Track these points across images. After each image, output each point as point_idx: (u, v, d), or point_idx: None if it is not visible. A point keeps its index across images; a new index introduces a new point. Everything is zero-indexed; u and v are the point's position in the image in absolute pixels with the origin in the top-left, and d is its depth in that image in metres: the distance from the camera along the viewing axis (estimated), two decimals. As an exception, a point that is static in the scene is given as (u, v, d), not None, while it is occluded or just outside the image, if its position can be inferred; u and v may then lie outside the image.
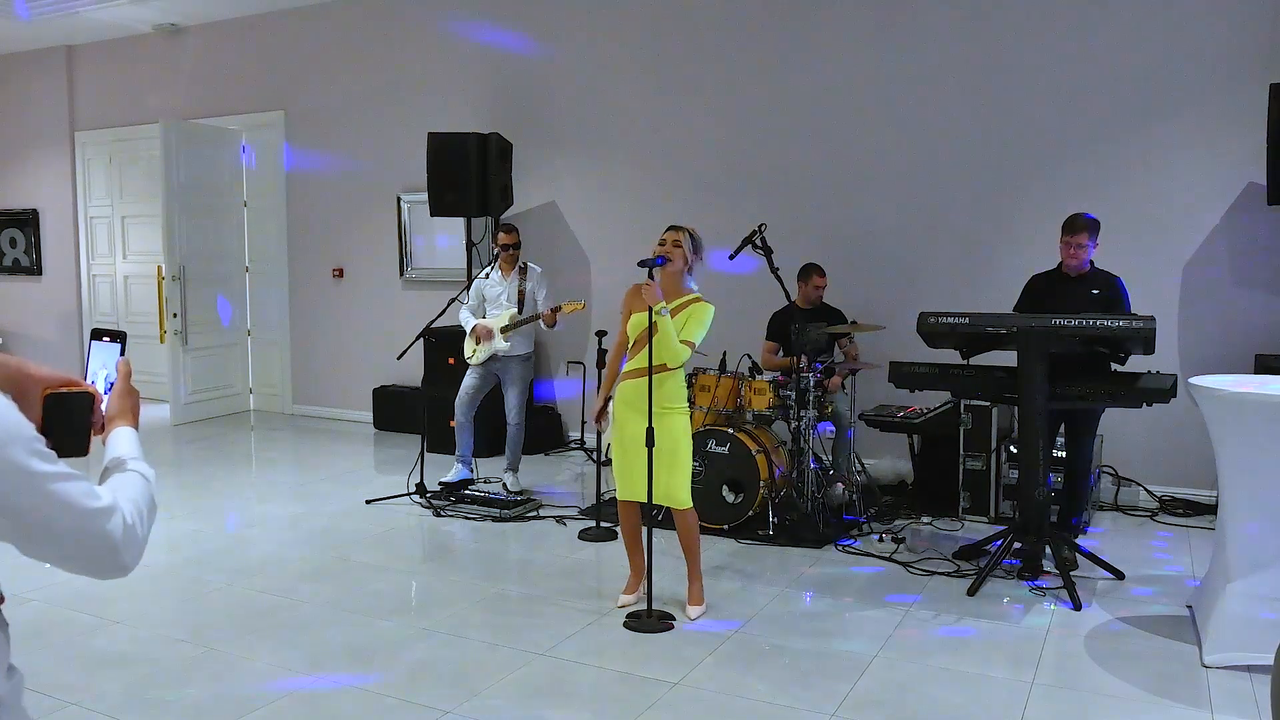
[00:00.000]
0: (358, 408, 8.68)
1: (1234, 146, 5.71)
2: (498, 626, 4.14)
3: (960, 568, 4.79)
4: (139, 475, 1.42)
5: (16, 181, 10.49)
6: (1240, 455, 3.76)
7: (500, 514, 5.70)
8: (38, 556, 1.28)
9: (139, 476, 1.42)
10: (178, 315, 8.61)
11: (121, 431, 1.49)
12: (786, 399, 5.46)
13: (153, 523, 1.41)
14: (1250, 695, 3.42)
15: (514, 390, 6.27)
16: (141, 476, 1.42)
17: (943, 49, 6.39)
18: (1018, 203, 6.24)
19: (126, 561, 1.32)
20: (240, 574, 4.81)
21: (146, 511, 1.38)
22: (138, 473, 1.42)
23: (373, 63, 8.44)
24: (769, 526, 5.31)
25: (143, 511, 1.37)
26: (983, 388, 4.95)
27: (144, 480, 1.42)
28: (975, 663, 3.76)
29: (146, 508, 1.39)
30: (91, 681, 3.57)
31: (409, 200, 8.30)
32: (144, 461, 1.46)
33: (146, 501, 1.39)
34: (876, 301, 6.42)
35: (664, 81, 7.27)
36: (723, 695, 3.49)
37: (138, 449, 1.48)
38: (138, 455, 1.46)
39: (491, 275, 6.33)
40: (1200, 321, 5.88)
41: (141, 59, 9.58)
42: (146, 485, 1.42)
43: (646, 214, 6.92)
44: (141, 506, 1.37)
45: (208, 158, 8.91)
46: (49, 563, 1.30)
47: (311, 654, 3.85)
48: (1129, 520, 5.73)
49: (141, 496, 1.38)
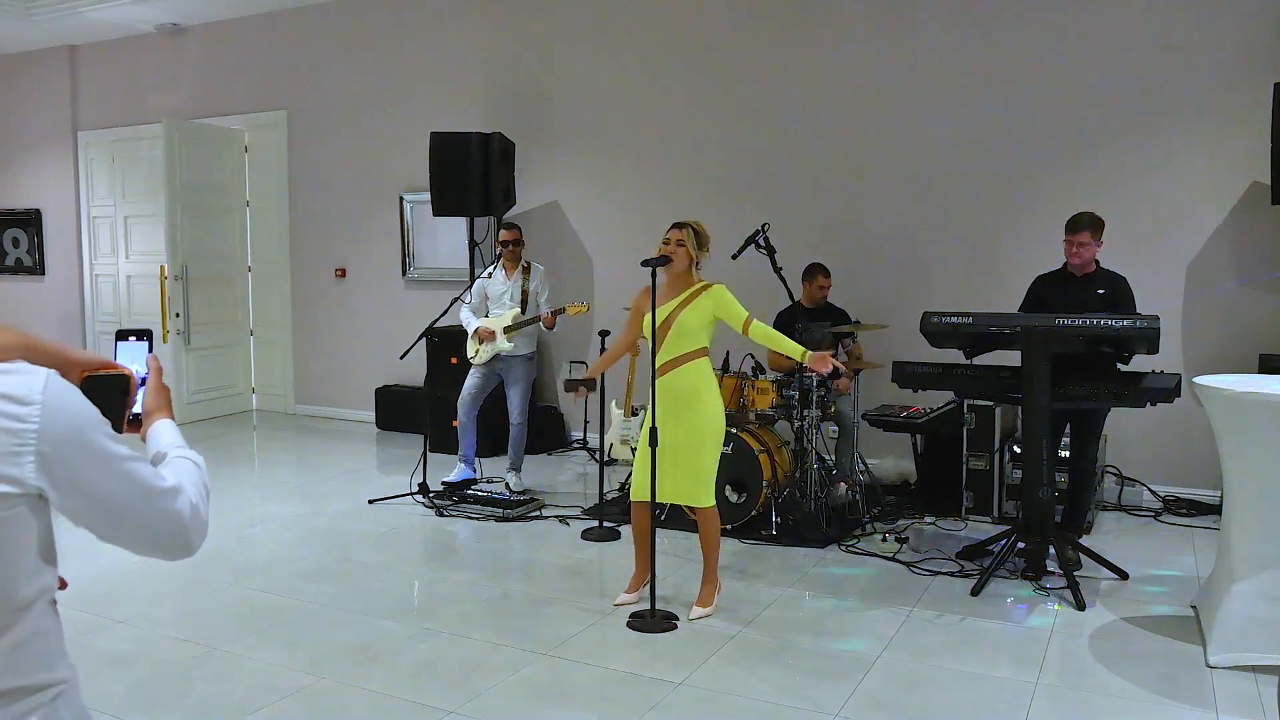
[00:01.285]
0: (360, 407, 8.68)
1: (1238, 146, 5.69)
2: (500, 626, 4.14)
3: (964, 568, 4.79)
4: (190, 461, 1.46)
5: (19, 181, 10.50)
6: (1245, 455, 3.75)
7: (503, 514, 5.70)
8: (112, 538, 1.32)
9: (190, 463, 1.45)
10: (180, 315, 8.61)
11: (162, 424, 1.52)
12: (790, 399, 5.45)
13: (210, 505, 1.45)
14: (1255, 696, 3.41)
15: (517, 390, 6.27)
16: (193, 463, 1.46)
17: (947, 49, 6.38)
18: (1021, 203, 6.23)
19: (194, 540, 1.38)
20: (243, 574, 4.80)
21: (206, 493, 1.43)
22: (188, 459, 1.46)
23: (375, 62, 8.43)
24: (772, 526, 5.30)
25: (203, 493, 1.42)
26: (986, 388, 4.95)
27: (196, 466, 1.46)
28: (979, 663, 3.75)
29: (205, 490, 1.43)
30: (94, 681, 3.57)
31: (411, 200, 8.29)
32: (190, 449, 1.49)
33: (203, 484, 1.44)
34: (880, 301, 6.41)
35: (667, 81, 7.27)
36: (726, 695, 3.49)
37: (180, 438, 1.51)
38: (182, 444, 1.49)
39: (494, 274, 6.32)
40: (1204, 321, 5.86)
41: (144, 59, 9.58)
42: (199, 470, 1.45)
43: (649, 213, 6.91)
44: (200, 488, 1.42)
45: (210, 157, 8.91)
46: (123, 545, 1.33)
47: (314, 654, 3.84)
48: (1133, 520, 5.72)
49: (199, 479, 1.43)
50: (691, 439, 4.14)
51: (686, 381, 4.16)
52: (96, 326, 10.28)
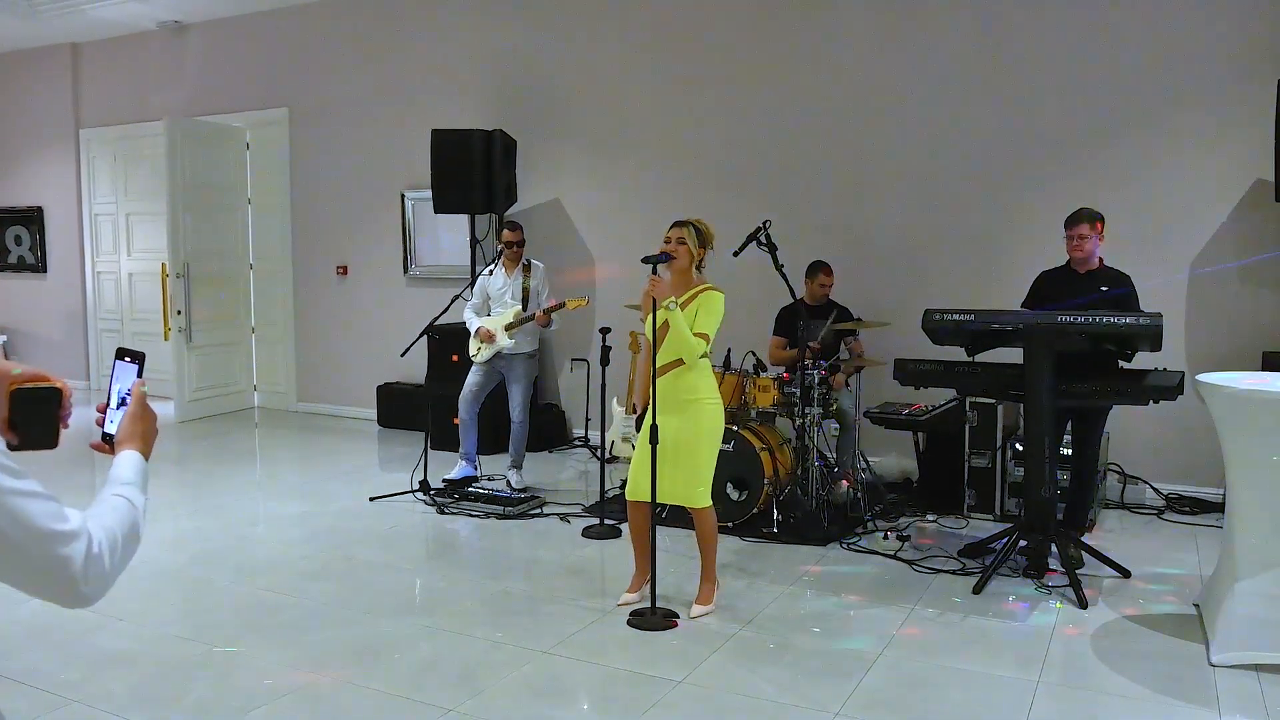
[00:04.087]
0: (362, 405, 8.68)
1: (1241, 143, 5.67)
2: (501, 624, 4.13)
3: (965, 566, 4.78)
4: (126, 502, 1.37)
5: (21, 179, 10.51)
6: (1248, 453, 3.73)
7: (504, 511, 5.69)
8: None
9: (125, 503, 1.37)
10: (182, 312, 8.61)
11: (125, 455, 1.46)
12: (791, 396, 5.44)
13: (131, 553, 1.34)
14: (1258, 695, 3.40)
15: (518, 387, 6.26)
16: (128, 503, 1.37)
17: (950, 46, 6.37)
18: (1024, 200, 6.22)
19: (86, 592, 1.25)
20: (244, 572, 4.80)
21: (122, 541, 1.32)
22: (125, 499, 1.37)
23: (377, 59, 8.43)
24: (773, 524, 5.30)
25: (116, 541, 1.31)
26: (988, 385, 4.93)
27: (130, 507, 1.37)
28: (980, 661, 3.74)
29: (123, 537, 1.33)
30: (95, 680, 3.57)
31: (413, 197, 8.29)
32: (138, 489, 1.41)
33: (125, 530, 1.33)
34: (882, 298, 6.40)
35: (669, 78, 7.25)
36: (726, 694, 3.48)
37: (137, 475, 1.43)
38: (133, 481, 1.42)
39: (495, 272, 6.31)
40: (1207, 319, 5.85)
41: (146, 56, 9.58)
42: (131, 513, 1.36)
43: (651, 211, 6.90)
44: (116, 535, 1.31)
45: (212, 155, 8.91)
46: (10, 584, 1.23)
47: (315, 652, 3.84)
48: (1136, 518, 5.71)
49: (120, 525, 1.33)
50: (690, 439, 4.13)
51: (685, 381, 4.15)
52: (99, 325, 10.30)
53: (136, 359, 1.57)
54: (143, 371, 1.57)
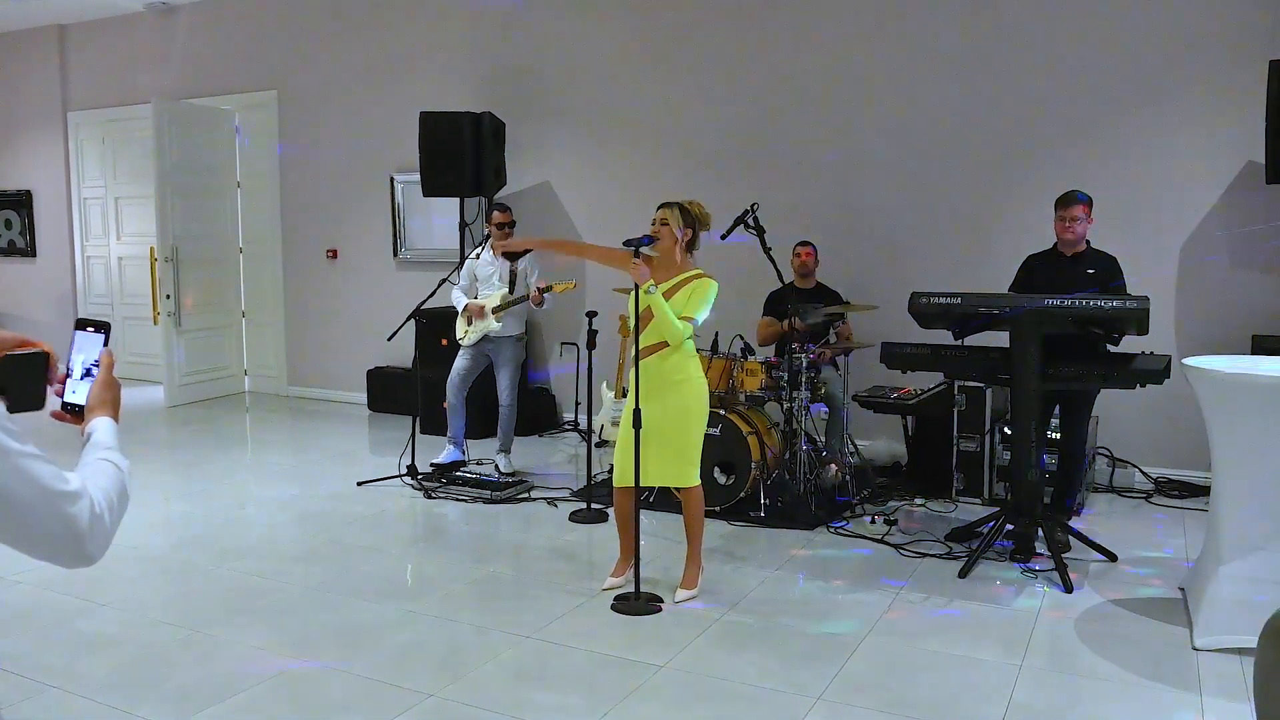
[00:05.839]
0: (352, 389, 8.66)
1: (1232, 125, 5.64)
2: (487, 609, 4.13)
3: (952, 550, 4.78)
4: (112, 465, 1.41)
5: (10, 163, 10.44)
6: (1233, 437, 3.72)
7: (491, 496, 5.68)
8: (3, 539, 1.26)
9: (112, 466, 1.41)
10: (170, 296, 8.57)
11: (100, 422, 1.49)
12: (779, 380, 5.43)
13: (123, 514, 1.39)
14: (1240, 679, 3.40)
15: (505, 371, 6.24)
16: (115, 466, 1.41)
17: (939, 28, 6.32)
18: (1013, 183, 6.19)
19: (91, 550, 1.31)
20: (230, 556, 4.79)
21: (117, 501, 1.37)
22: (111, 462, 1.41)
23: (366, 42, 8.37)
24: (761, 508, 5.29)
25: (113, 501, 1.35)
26: (975, 369, 4.92)
27: (116, 470, 1.41)
28: (965, 645, 3.74)
29: (117, 497, 1.37)
30: (77, 664, 3.56)
31: (402, 180, 8.24)
32: (119, 452, 1.45)
33: (117, 491, 1.38)
34: (870, 281, 6.37)
35: (659, 61, 7.21)
36: (710, 678, 3.48)
37: (114, 439, 1.47)
38: (113, 445, 1.45)
39: (483, 255, 6.29)
40: (1196, 302, 5.83)
41: (134, 38, 9.50)
42: (119, 475, 1.40)
43: (640, 194, 6.86)
44: (112, 496, 1.36)
45: (201, 138, 8.85)
46: (14, 546, 1.27)
47: (299, 636, 3.83)
48: (1124, 502, 5.71)
49: (112, 486, 1.37)
50: (676, 419, 4.11)
51: (672, 362, 4.13)
52: (89, 309, 10.24)
53: (102, 329, 1.58)
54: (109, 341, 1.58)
